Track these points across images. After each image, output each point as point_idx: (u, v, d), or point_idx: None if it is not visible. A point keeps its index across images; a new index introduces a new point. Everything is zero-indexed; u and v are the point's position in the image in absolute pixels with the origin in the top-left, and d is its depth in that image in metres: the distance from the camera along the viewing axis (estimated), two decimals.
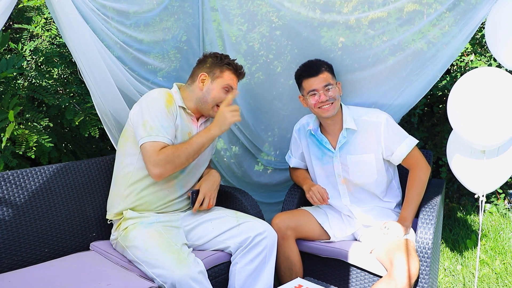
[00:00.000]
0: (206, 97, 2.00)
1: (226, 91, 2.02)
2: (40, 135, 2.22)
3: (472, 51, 3.16)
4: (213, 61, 2.03)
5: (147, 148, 1.86)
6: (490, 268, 2.67)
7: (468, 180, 1.93)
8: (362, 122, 2.12)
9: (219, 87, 2.00)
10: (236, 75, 2.06)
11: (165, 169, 1.86)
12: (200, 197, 2.02)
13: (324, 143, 2.18)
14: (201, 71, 2.03)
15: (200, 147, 1.91)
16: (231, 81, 2.03)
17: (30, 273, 1.78)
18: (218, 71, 2.01)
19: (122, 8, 2.17)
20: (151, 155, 1.85)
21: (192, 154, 1.89)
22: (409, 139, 2.10)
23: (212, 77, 2.01)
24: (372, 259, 1.96)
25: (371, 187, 2.15)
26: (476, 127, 1.76)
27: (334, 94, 2.09)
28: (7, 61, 2.20)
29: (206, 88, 2.01)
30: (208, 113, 2.04)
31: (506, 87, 1.73)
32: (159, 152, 1.84)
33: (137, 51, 2.29)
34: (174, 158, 1.85)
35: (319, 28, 2.27)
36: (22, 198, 1.91)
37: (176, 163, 1.86)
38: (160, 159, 1.84)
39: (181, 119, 1.98)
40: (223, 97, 2.00)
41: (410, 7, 2.06)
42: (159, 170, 1.85)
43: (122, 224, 1.96)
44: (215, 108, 2.01)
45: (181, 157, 1.86)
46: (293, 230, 2.08)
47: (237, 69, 2.05)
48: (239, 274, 1.89)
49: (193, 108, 2.04)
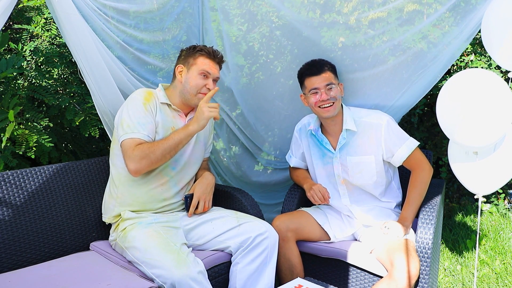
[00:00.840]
0: (186, 87, 2.01)
1: (204, 76, 2.01)
2: (40, 135, 2.22)
3: (472, 51, 3.16)
4: (186, 52, 2.06)
5: (125, 145, 1.89)
6: (490, 268, 2.67)
7: (467, 181, 1.93)
8: (362, 123, 2.12)
9: (195, 74, 2.01)
10: (211, 59, 2.04)
11: (141, 165, 1.86)
12: (194, 201, 2.03)
13: (324, 143, 2.18)
14: (178, 64, 2.06)
15: (178, 143, 1.90)
16: (206, 66, 2.02)
17: (30, 273, 1.78)
18: (192, 59, 2.03)
19: (123, 8, 2.17)
20: (127, 150, 1.87)
21: (168, 150, 1.88)
22: (409, 141, 2.10)
23: (188, 66, 2.02)
24: (372, 259, 1.96)
25: (370, 188, 2.15)
26: (462, 128, 1.76)
27: (336, 94, 2.09)
28: (7, 61, 2.20)
29: (184, 78, 2.02)
30: (194, 103, 2.03)
31: (490, 88, 1.73)
32: (135, 148, 1.86)
33: (137, 51, 2.30)
34: (150, 154, 1.85)
35: (319, 28, 2.27)
36: (22, 198, 1.91)
37: (152, 158, 1.86)
38: (136, 155, 1.85)
39: (163, 115, 1.99)
40: (202, 83, 2.00)
41: (410, 7, 2.06)
42: (134, 165, 1.86)
43: (120, 225, 1.97)
44: (199, 95, 2.01)
45: (157, 152, 1.86)
46: (294, 232, 2.08)
47: (210, 53, 2.04)
48: (240, 274, 1.88)
49: (179, 104, 2.05)
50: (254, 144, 2.74)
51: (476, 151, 1.84)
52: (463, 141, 1.80)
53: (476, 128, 1.74)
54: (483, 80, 1.76)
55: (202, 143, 2.16)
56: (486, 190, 1.91)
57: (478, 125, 1.73)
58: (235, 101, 2.65)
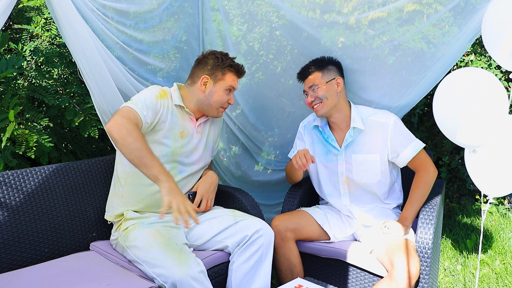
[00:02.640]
0: (209, 100, 2.00)
1: (229, 91, 2.04)
2: (40, 135, 2.22)
3: (472, 51, 3.16)
4: (214, 63, 2.01)
5: (121, 108, 1.81)
6: (490, 268, 2.67)
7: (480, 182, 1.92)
8: (370, 122, 2.13)
9: (222, 90, 2.01)
10: (238, 76, 2.07)
11: (114, 131, 1.69)
12: (197, 199, 2.03)
13: (330, 140, 2.19)
14: (203, 74, 2.01)
15: (142, 166, 1.68)
16: (233, 82, 2.04)
17: (30, 273, 1.78)
18: (220, 74, 2.01)
19: (122, 8, 2.17)
20: (119, 112, 1.77)
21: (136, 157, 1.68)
22: (415, 142, 2.11)
23: (215, 80, 2.01)
24: (372, 259, 1.96)
25: (374, 188, 2.15)
26: (455, 126, 1.76)
27: (321, 93, 2.10)
28: (7, 61, 2.20)
29: (208, 91, 2.00)
30: (213, 115, 2.05)
31: (482, 87, 1.73)
32: (127, 117, 1.74)
33: (137, 51, 2.30)
34: (127, 136, 1.68)
35: (319, 28, 2.27)
36: (22, 198, 1.91)
37: (130, 137, 1.68)
38: (121, 122, 1.71)
39: (173, 116, 1.96)
40: (226, 99, 2.03)
41: (410, 7, 2.06)
42: (110, 125, 1.71)
43: (122, 224, 1.97)
44: (220, 109, 2.04)
45: (131, 145, 1.68)
46: (293, 232, 2.08)
47: (238, 70, 2.05)
48: (235, 273, 1.89)
49: (193, 108, 2.04)
50: (254, 143, 2.74)
51: (475, 150, 1.84)
52: (461, 140, 1.79)
53: (470, 127, 1.73)
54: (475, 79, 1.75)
55: (210, 149, 2.16)
56: (499, 192, 1.90)
57: (472, 124, 1.72)
58: (235, 101, 2.65)
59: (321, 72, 2.14)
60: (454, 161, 3.47)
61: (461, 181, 3.57)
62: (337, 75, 2.17)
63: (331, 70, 2.16)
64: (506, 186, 1.85)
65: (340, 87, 2.15)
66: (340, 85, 2.15)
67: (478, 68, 1.84)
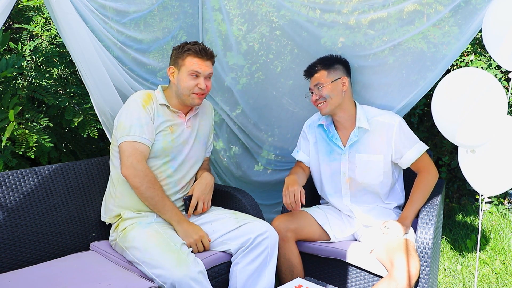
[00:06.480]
0: (179, 89, 2.01)
1: (195, 76, 1.98)
2: (40, 135, 2.22)
3: (472, 51, 3.16)
4: (176, 53, 2.03)
5: (122, 147, 1.92)
6: (490, 268, 2.67)
7: (474, 181, 1.92)
8: (375, 122, 2.13)
9: (185, 75, 1.98)
10: (199, 57, 1.98)
11: (132, 179, 1.90)
12: (193, 202, 2.04)
13: (334, 139, 2.19)
14: (169, 65, 2.05)
15: (158, 208, 1.94)
16: (195, 66, 1.97)
17: (30, 273, 1.77)
18: (180, 60, 2.00)
19: (122, 8, 2.16)
20: (124, 153, 1.91)
21: (152, 202, 1.92)
22: (419, 144, 2.11)
23: (178, 68, 2.01)
24: (372, 259, 1.96)
25: (376, 188, 2.15)
26: (454, 126, 1.76)
27: (326, 92, 2.10)
28: (7, 61, 2.20)
29: (176, 80, 2.01)
30: (189, 102, 2.02)
31: (481, 87, 1.72)
32: (142, 163, 1.90)
33: (136, 52, 2.30)
34: (139, 186, 1.89)
35: (319, 28, 2.27)
36: (22, 198, 1.91)
37: (143, 187, 1.89)
38: (137, 169, 1.89)
39: (162, 116, 2.00)
40: (193, 84, 1.97)
41: (410, 7, 2.06)
42: (127, 172, 1.90)
43: (120, 224, 1.97)
44: (193, 95, 2.00)
45: (144, 193, 1.91)
46: (293, 232, 2.08)
47: (197, 51, 1.97)
48: (240, 274, 1.88)
49: (177, 104, 2.05)
50: (255, 143, 2.74)
51: (473, 150, 1.84)
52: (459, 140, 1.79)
53: (468, 128, 1.73)
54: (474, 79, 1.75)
55: (202, 143, 2.15)
56: (493, 191, 1.90)
57: (470, 124, 1.72)
58: (235, 101, 2.65)
59: (327, 71, 2.14)
60: (454, 161, 3.46)
61: (461, 181, 3.57)
62: (343, 74, 2.16)
63: (337, 69, 2.16)
64: (501, 185, 1.86)
65: (345, 86, 2.15)
66: (345, 85, 2.15)
67: (477, 68, 1.83)
